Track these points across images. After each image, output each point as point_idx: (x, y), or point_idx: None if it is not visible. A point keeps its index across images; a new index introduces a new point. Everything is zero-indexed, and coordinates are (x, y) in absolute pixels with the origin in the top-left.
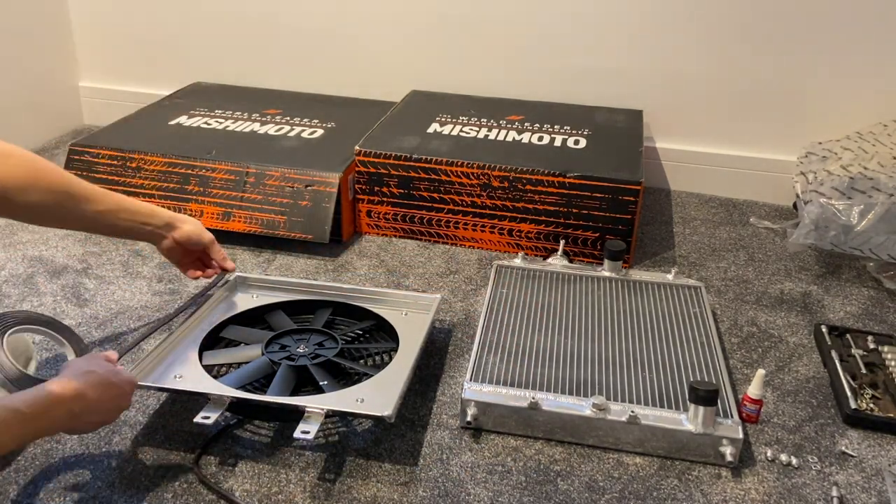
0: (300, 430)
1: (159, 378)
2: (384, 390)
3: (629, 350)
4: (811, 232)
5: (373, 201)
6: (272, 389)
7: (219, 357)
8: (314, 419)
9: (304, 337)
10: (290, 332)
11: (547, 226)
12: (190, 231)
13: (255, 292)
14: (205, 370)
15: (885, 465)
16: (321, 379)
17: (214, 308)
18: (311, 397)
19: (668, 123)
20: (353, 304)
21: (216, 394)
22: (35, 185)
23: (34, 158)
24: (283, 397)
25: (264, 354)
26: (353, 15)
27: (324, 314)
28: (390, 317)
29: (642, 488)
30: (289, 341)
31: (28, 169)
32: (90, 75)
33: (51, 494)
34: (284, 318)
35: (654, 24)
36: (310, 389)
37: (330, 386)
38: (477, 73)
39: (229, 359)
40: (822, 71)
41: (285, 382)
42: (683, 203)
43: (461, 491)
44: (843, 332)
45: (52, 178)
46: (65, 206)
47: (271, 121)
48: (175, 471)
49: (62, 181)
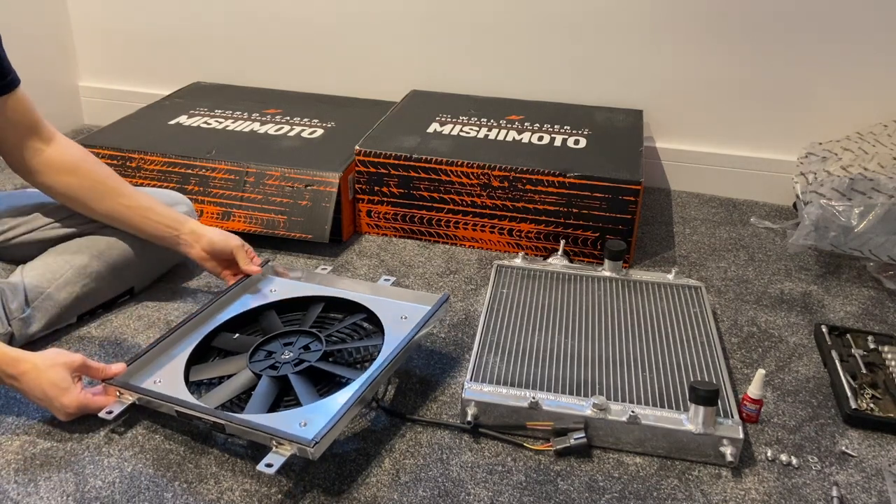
0: (264, 464)
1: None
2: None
3: (629, 350)
4: (811, 233)
5: (373, 201)
6: (251, 406)
7: (204, 372)
8: (281, 452)
9: (292, 340)
10: (278, 336)
11: (547, 226)
12: (215, 240)
13: (273, 286)
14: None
15: (885, 465)
16: (299, 391)
17: (218, 309)
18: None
19: (668, 123)
20: (346, 298)
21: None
22: (75, 169)
23: (77, 145)
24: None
25: (248, 366)
26: (353, 15)
27: (314, 312)
28: (382, 313)
29: (642, 488)
30: (276, 346)
31: (72, 153)
32: (90, 75)
33: (51, 493)
34: (275, 321)
35: (654, 24)
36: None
37: (308, 397)
38: (477, 73)
39: (215, 372)
40: (822, 71)
41: (265, 397)
42: (683, 203)
43: (461, 491)
44: (843, 332)
45: (89, 165)
46: (96, 194)
47: (271, 121)
48: (175, 470)
49: (99, 170)
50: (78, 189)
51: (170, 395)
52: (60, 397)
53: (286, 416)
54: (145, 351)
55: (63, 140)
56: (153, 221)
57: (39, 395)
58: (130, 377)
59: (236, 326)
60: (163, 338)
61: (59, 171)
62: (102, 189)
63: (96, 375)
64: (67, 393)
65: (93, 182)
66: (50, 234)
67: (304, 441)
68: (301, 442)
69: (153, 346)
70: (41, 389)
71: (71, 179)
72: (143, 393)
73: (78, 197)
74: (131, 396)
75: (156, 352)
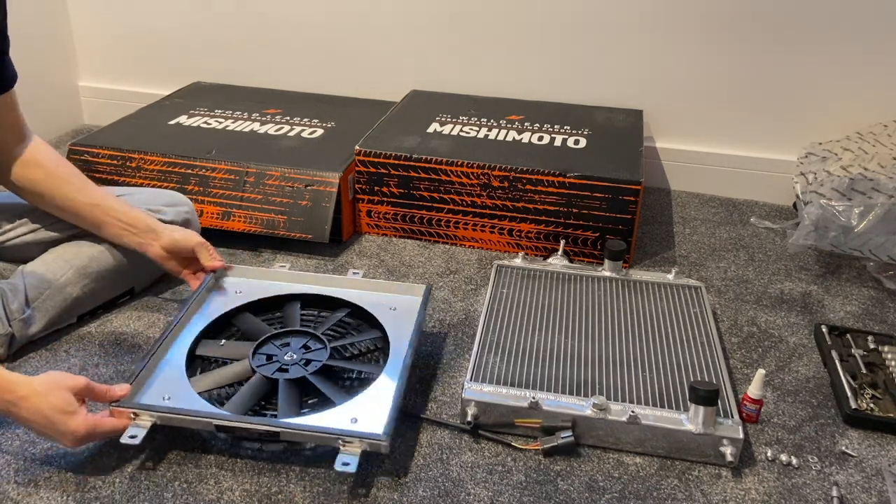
0: (341, 462)
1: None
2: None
3: (629, 350)
4: (811, 233)
5: (373, 201)
6: (283, 410)
7: (208, 381)
8: (351, 451)
9: (287, 341)
10: (269, 339)
11: (547, 226)
12: (175, 237)
13: (237, 288)
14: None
15: (885, 465)
16: (326, 390)
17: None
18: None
19: (668, 123)
20: (323, 294)
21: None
22: (41, 164)
23: (47, 145)
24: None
25: (256, 372)
26: (354, 14)
27: (294, 310)
28: (370, 306)
29: (642, 488)
30: (272, 349)
31: (41, 149)
32: (90, 75)
33: (51, 493)
34: (255, 322)
35: (654, 23)
36: (311, 400)
37: (338, 396)
38: (477, 73)
39: (222, 381)
40: (822, 71)
41: (292, 399)
42: (683, 203)
43: (461, 491)
44: (843, 332)
45: (55, 160)
46: (59, 189)
47: (271, 121)
48: (175, 470)
49: (65, 168)
50: (42, 183)
51: (201, 410)
52: (68, 422)
53: (329, 416)
54: (141, 368)
55: (36, 139)
56: (112, 219)
57: (42, 423)
58: (134, 397)
59: (216, 332)
60: (151, 352)
61: (27, 166)
62: (65, 185)
63: (101, 398)
64: (75, 416)
65: (56, 178)
66: (50, 235)
67: (377, 437)
68: (374, 438)
69: (146, 361)
70: (44, 415)
71: (36, 174)
72: (169, 412)
73: (41, 191)
74: (151, 417)
75: (150, 367)
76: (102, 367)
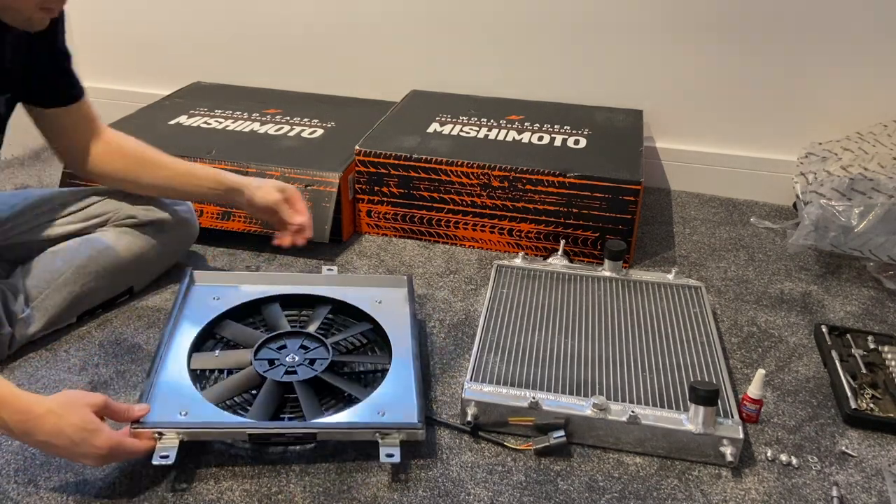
0: (385, 454)
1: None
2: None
3: (629, 350)
4: (811, 233)
5: (373, 201)
6: (308, 411)
7: (220, 391)
8: (389, 442)
9: (282, 343)
10: (264, 344)
11: (547, 226)
12: (255, 198)
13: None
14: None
15: (885, 465)
16: (345, 387)
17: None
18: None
19: (668, 123)
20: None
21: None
22: (120, 152)
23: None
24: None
25: (265, 377)
26: (354, 15)
27: (277, 312)
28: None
29: (642, 488)
30: (269, 353)
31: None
32: (90, 75)
33: (51, 493)
34: (241, 328)
35: (654, 24)
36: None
37: (358, 391)
38: (477, 73)
39: (234, 388)
40: (822, 71)
41: (311, 400)
42: (683, 203)
43: (461, 491)
44: (843, 332)
45: (132, 145)
46: (142, 171)
47: (271, 121)
48: (176, 470)
49: (140, 149)
50: (124, 170)
51: (229, 422)
52: (91, 440)
53: (357, 411)
54: (149, 387)
55: (108, 129)
56: (196, 187)
57: (63, 443)
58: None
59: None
60: (152, 368)
61: (110, 158)
62: (146, 165)
63: (120, 417)
64: (98, 434)
65: (136, 160)
66: (50, 234)
67: (414, 425)
68: (411, 427)
69: (151, 380)
70: (65, 435)
71: (118, 163)
72: (198, 426)
73: (126, 178)
74: (178, 434)
75: (153, 384)
76: (102, 367)
